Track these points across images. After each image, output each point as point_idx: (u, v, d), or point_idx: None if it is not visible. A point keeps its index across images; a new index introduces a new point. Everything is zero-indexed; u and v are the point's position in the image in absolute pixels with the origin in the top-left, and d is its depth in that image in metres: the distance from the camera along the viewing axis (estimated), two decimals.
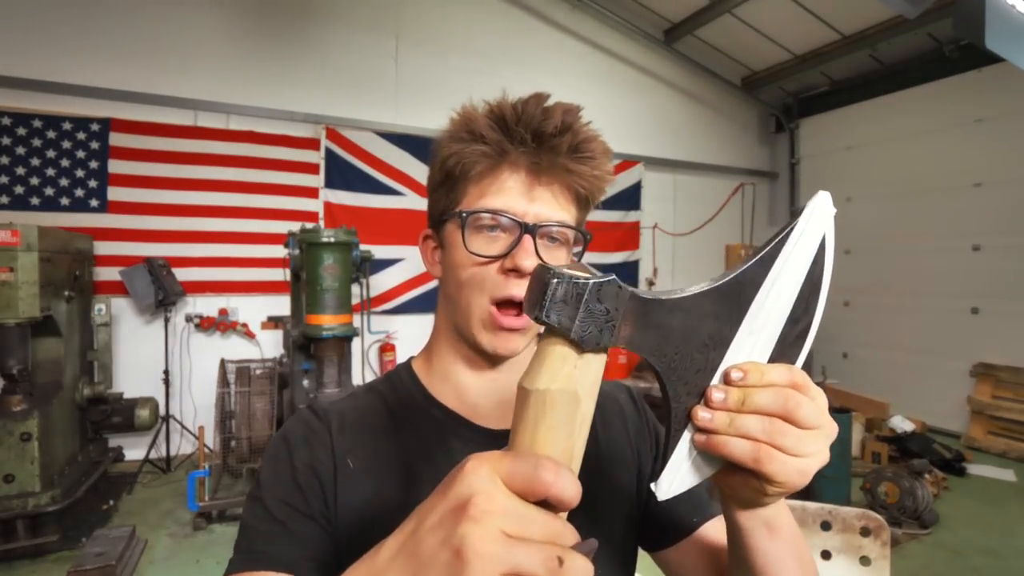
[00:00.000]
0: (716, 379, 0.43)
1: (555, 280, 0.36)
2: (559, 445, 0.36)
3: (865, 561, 1.13)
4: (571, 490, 0.32)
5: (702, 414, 0.42)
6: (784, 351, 0.44)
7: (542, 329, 0.39)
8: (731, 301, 0.42)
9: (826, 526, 1.18)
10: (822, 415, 0.42)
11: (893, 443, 4.49)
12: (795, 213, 0.43)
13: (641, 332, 0.40)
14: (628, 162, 6.46)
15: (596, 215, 6.30)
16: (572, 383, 0.37)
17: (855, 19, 5.69)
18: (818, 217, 0.43)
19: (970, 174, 5.46)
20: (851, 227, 6.60)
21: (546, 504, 0.32)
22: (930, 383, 5.61)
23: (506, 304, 0.62)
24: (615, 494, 0.73)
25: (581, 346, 0.37)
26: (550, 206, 0.63)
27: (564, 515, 0.34)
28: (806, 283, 0.43)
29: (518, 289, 0.61)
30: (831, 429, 0.43)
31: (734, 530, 0.53)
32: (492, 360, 0.68)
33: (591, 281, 0.37)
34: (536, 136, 0.60)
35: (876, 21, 5.60)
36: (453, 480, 0.32)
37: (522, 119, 0.61)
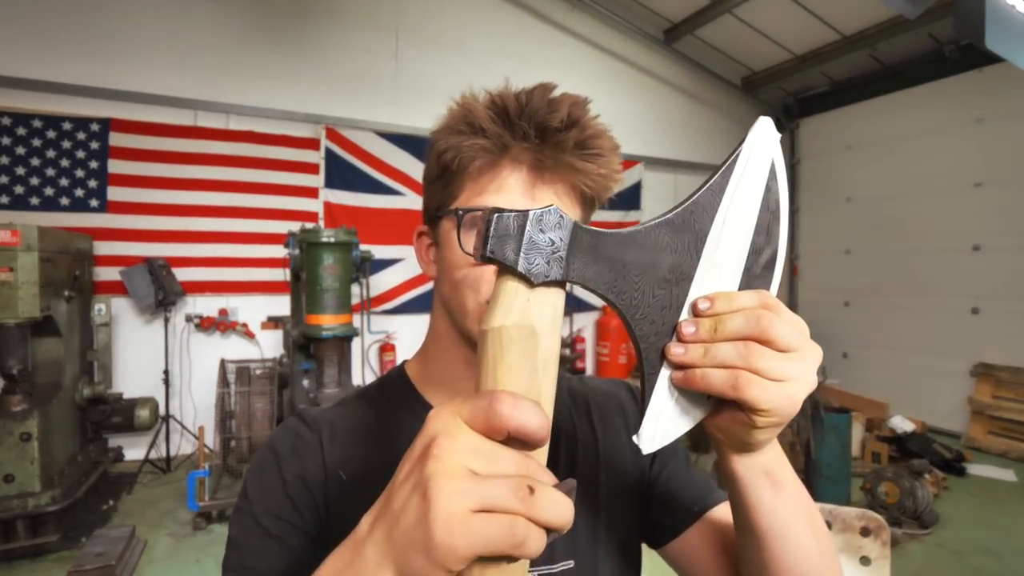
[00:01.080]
0: (684, 314, 0.41)
1: (495, 215, 0.36)
2: (522, 384, 0.35)
3: (865, 561, 1.13)
4: (534, 420, 0.30)
5: (675, 349, 0.40)
6: (751, 283, 0.42)
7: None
8: (686, 232, 0.41)
9: (826, 526, 1.18)
10: (801, 336, 0.40)
11: (893, 443, 4.49)
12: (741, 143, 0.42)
13: (593, 266, 0.39)
14: (628, 162, 6.46)
15: (596, 215, 6.29)
16: (527, 318, 0.36)
17: (855, 19, 5.69)
18: (762, 142, 0.42)
19: (970, 174, 5.46)
20: (851, 227, 6.61)
21: (517, 445, 0.31)
22: (930, 383, 5.61)
23: None
24: (616, 497, 0.70)
25: (530, 279, 0.36)
26: (554, 201, 0.59)
27: (539, 454, 0.33)
28: (763, 210, 0.42)
29: None
30: (813, 351, 0.41)
31: (734, 486, 0.49)
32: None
33: (531, 212, 0.36)
34: (540, 130, 0.56)
35: (876, 21, 5.60)
36: (420, 431, 0.32)
37: (525, 111, 0.57)
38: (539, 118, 0.56)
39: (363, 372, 5.05)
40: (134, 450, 4.24)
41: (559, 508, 0.30)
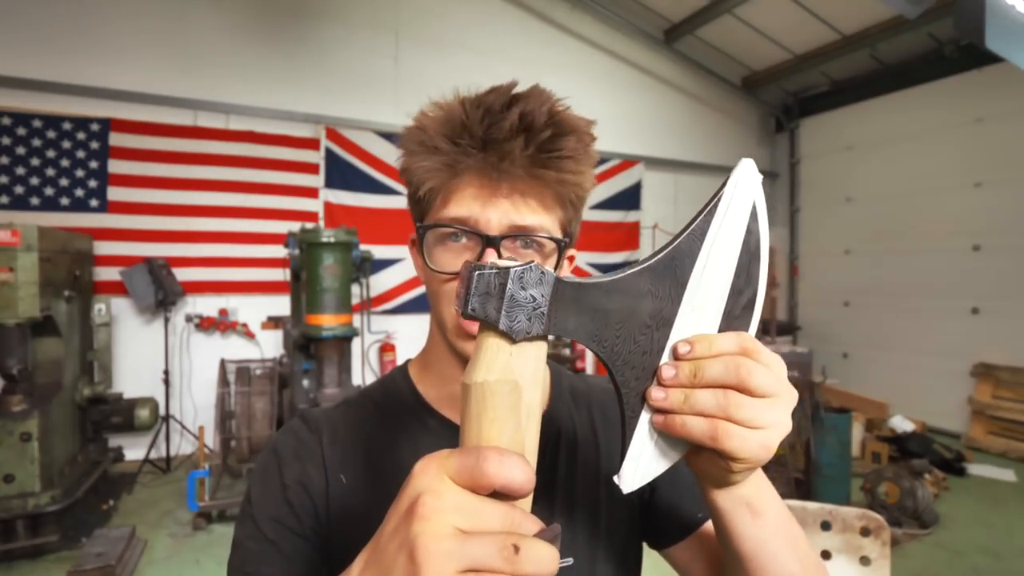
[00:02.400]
0: (665, 358, 0.42)
1: (476, 273, 0.36)
2: (506, 436, 0.35)
3: (865, 561, 1.13)
4: (519, 475, 0.31)
5: (655, 393, 0.41)
6: (731, 324, 0.43)
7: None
8: (667, 278, 0.41)
9: (826, 526, 1.18)
10: (779, 381, 0.40)
11: (893, 443, 4.49)
12: (724, 185, 0.42)
13: (576, 317, 0.39)
14: (628, 162, 6.46)
15: (596, 215, 6.34)
16: (510, 373, 0.36)
17: (855, 19, 5.70)
18: (744, 185, 0.42)
19: (970, 174, 5.46)
20: (851, 227, 6.61)
21: (502, 496, 0.31)
22: (930, 383, 5.61)
23: None
24: (616, 498, 0.69)
25: (512, 336, 0.36)
26: (512, 214, 0.56)
27: (524, 502, 0.33)
28: (743, 253, 0.42)
29: None
30: (790, 395, 0.41)
31: (715, 514, 0.50)
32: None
33: (512, 269, 0.36)
34: (486, 144, 0.55)
35: (876, 21, 5.60)
36: (405, 485, 0.32)
37: (468, 126, 0.55)
38: (480, 131, 0.54)
39: (363, 372, 5.05)
40: (134, 450, 4.24)
41: (544, 561, 0.30)
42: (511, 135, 0.54)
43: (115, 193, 4.39)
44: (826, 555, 1.17)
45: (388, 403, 0.69)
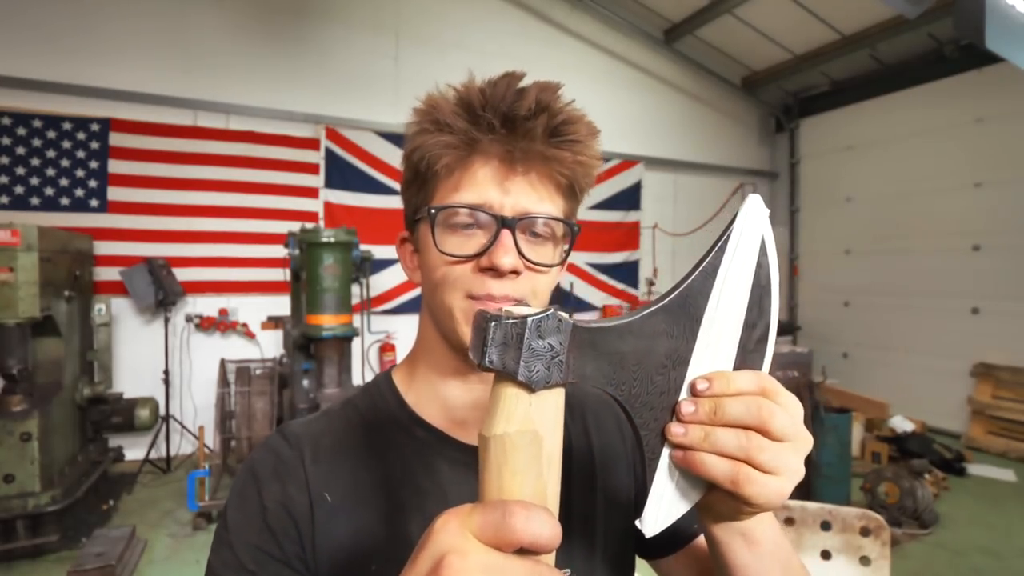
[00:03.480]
0: (683, 395, 0.42)
1: (492, 323, 0.36)
2: (528, 488, 0.35)
3: (865, 561, 1.13)
4: (547, 532, 0.31)
5: (675, 429, 0.40)
6: (747, 358, 0.43)
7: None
8: (681, 317, 0.41)
9: (826, 526, 1.18)
10: (796, 425, 0.40)
11: (893, 443, 4.49)
12: (733, 220, 0.43)
13: (593, 363, 0.39)
14: (628, 162, 6.46)
15: (596, 215, 6.34)
16: (530, 423, 0.36)
17: (855, 19, 5.69)
18: (752, 220, 0.43)
19: (970, 174, 5.46)
20: (851, 227, 6.61)
21: (527, 551, 0.31)
22: (930, 383, 5.61)
23: (487, 299, 0.56)
24: (612, 505, 0.69)
25: (531, 386, 0.36)
26: (530, 197, 0.56)
27: (548, 557, 0.33)
28: (754, 287, 0.43)
29: (499, 287, 0.55)
30: (806, 442, 0.41)
31: (711, 543, 0.51)
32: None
33: (529, 319, 0.36)
34: (506, 121, 0.54)
35: (876, 21, 5.60)
36: (425, 542, 0.32)
37: (490, 102, 0.54)
38: (504, 108, 0.54)
39: (363, 372, 5.05)
40: (134, 450, 4.24)
41: None
42: (531, 114, 0.54)
43: (115, 193, 4.39)
44: (826, 555, 1.17)
45: (373, 414, 0.66)
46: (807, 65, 6.46)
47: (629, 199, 6.53)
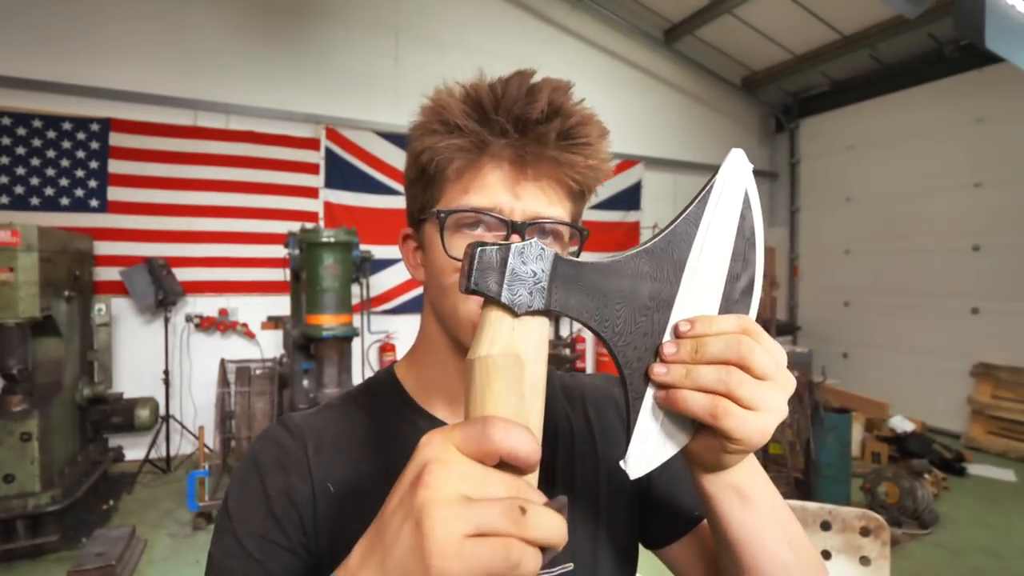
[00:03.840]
0: (667, 338, 0.42)
1: (479, 248, 0.37)
2: (510, 410, 0.36)
3: (865, 561, 1.13)
4: (525, 445, 0.31)
5: (657, 368, 0.41)
6: (730, 308, 0.44)
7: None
8: (665, 260, 0.42)
9: (826, 526, 1.18)
10: (778, 366, 0.41)
11: (893, 443, 4.49)
12: (715, 172, 0.44)
13: (576, 295, 0.40)
14: (628, 162, 6.46)
15: (596, 215, 6.34)
16: (512, 346, 0.37)
17: (855, 19, 5.69)
18: (735, 173, 0.43)
19: (970, 174, 5.46)
20: (851, 227, 6.61)
21: (508, 469, 0.32)
22: (930, 383, 5.61)
23: None
24: (615, 494, 0.68)
25: (514, 309, 0.37)
26: (540, 202, 0.56)
27: (530, 478, 0.34)
28: (738, 239, 0.44)
29: None
30: (788, 381, 0.42)
31: (705, 501, 0.50)
32: None
33: (513, 245, 0.38)
34: (519, 124, 0.53)
35: (876, 21, 5.60)
36: (412, 459, 0.32)
37: (502, 104, 0.54)
38: (517, 110, 0.53)
39: (363, 372, 5.05)
40: (134, 450, 4.24)
41: (552, 526, 0.30)
42: (543, 118, 0.53)
43: (115, 193, 4.38)
44: (826, 555, 1.17)
45: (375, 406, 0.66)
46: (807, 65, 6.46)
47: (629, 199, 6.53)
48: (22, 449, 2.97)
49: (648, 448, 0.43)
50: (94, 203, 4.33)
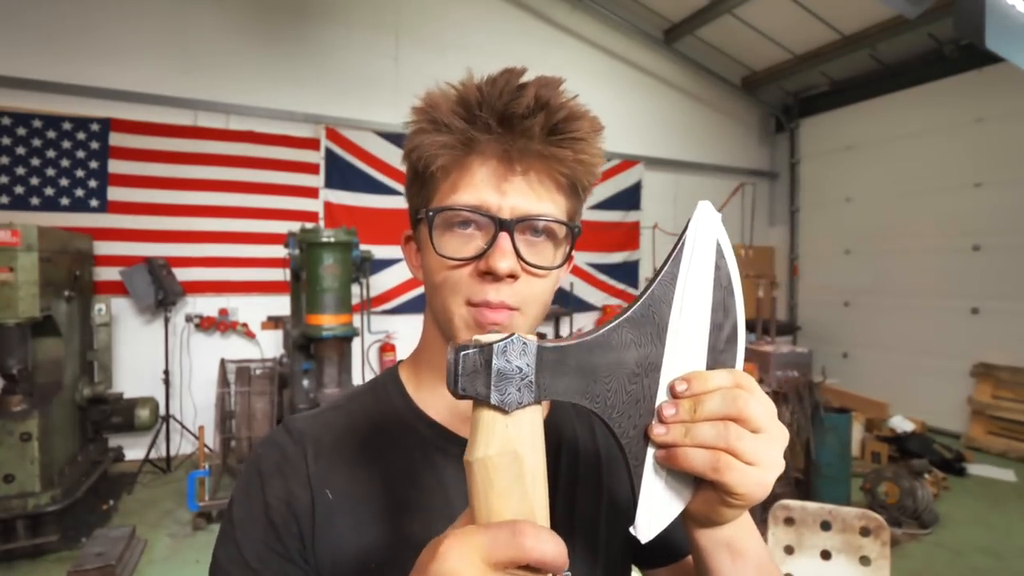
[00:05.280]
0: (662, 397, 0.43)
1: (461, 353, 0.38)
2: (515, 506, 0.36)
3: (865, 561, 1.13)
4: (555, 550, 0.31)
5: (657, 429, 0.42)
6: (717, 358, 0.45)
7: (529, 331, 0.39)
8: (647, 325, 0.43)
9: (826, 526, 1.18)
10: (771, 418, 0.42)
11: (893, 443, 4.49)
12: (687, 227, 0.45)
13: (564, 379, 0.40)
14: (628, 162, 6.46)
15: (595, 215, 6.34)
16: (509, 444, 0.37)
17: (855, 19, 5.69)
18: (704, 227, 0.44)
19: (970, 174, 5.46)
20: (851, 227, 6.61)
21: (531, 569, 0.32)
22: (930, 383, 5.61)
23: (485, 305, 0.55)
24: (615, 509, 0.68)
25: (504, 409, 0.38)
26: (528, 197, 0.55)
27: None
28: (716, 289, 0.45)
29: (495, 293, 0.54)
30: (782, 434, 0.43)
31: (697, 554, 0.51)
32: None
33: (494, 345, 0.38)
34: (503, 120, 0.53)
35: (876, 21, 5.60)
36: (428, 564, 0.32)
37: (487, 101, 0.53)
38: (500, 107, 0.53)
39: (363, 372, 5.05)
40: (134, 450, 4.24)
41: None
42: (529, 112, 0.52)
43: (115, 193, 4.39)
44: (826, 555, 1.17)
45: (377, 408, 0.66)
46: (807, 65, 6.46)
47: (629, 199, 6.53)
48: (22, 449, 2.97)
49: (655, 509, 0.43)
50: (94, 203, 4.33)
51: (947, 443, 4.78)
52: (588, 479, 0.68)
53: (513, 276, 0.54)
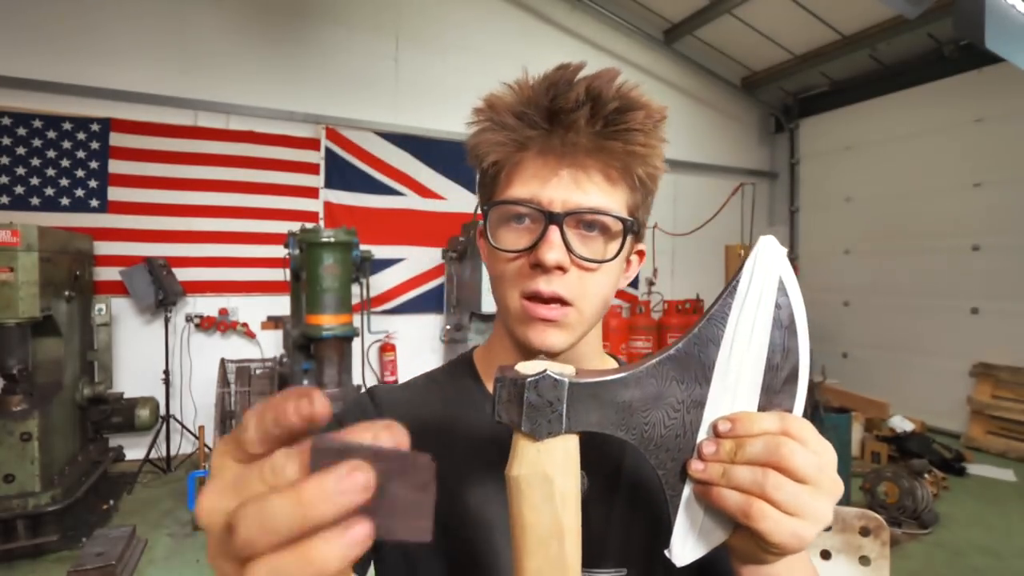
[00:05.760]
0: (703, 435, 0.43)
1: (498, 384, 0.41)
2: (545, 520, 0.40)
3: (865, 561, 1.13)
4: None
5: (695, 465, 0.42)
6: (772, 399, 0.43)
7: (586, 327, 0.46)
8: (692, 364, 0.43)
9: (826, 526, 1.18)
10: (822, 470, 0.39)
11: (893, 443, 4.49)
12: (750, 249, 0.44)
13: (598, 412, 0.41)
14: None
15: None
16: (539, 466, 0.40)
17: (855, 19, 5.69)
18: (765, 262, 0.43)
19: (970, 174, 5.46)
20: (851, 227, 6.61)
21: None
22: (930, 383, 5.61)
23: (536, 298, 0.56)
24: (651, 523, 0.65)
25: (534, 437, 0.40)
26: (576, 191, 0.55)
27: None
28: (775, 329, 0.43)
29: (546, 284, 0.55)
30: (833, 486, 0.40)
31: None
32: (535, 355, 0.64)
33: (527, 380, 0.40)
34: (551, 115, 0.54)
35: (876, 21, 5.59)
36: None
37: (534, 99, 0.55)
38: (547, 102, 0.54)
39: (363, 372, 5.05)
40: (134, 450, 4.24)
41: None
42: (576, 106, 0.53)
43: (115, 193, 4.38)
44: (826, 555, 1.17)
45: (452, 388, 0.70)
46: (807, 65, 6.46)
47: None
48: (22, 449, 2.97)
49: (690, 541, 0.44)
50: (94, 203, 4.33)
51: (947, 443, 4.78)
52: (638, 469, 0.67)
53: (561, 268, 0.55)
